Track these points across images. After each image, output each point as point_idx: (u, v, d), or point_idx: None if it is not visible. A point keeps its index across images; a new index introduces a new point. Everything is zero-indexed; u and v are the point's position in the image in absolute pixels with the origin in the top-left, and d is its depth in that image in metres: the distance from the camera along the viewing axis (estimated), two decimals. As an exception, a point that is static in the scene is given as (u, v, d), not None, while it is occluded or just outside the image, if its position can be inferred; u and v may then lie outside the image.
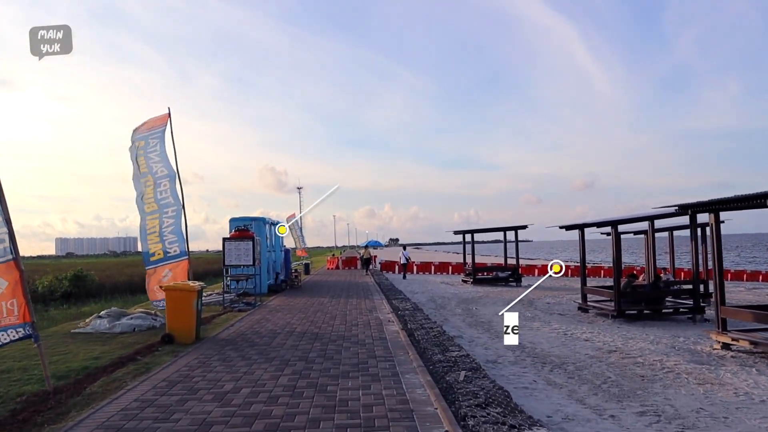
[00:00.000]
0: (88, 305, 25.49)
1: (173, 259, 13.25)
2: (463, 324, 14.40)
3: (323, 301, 17.32)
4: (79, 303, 27.14)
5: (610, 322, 15.33)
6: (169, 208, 13.41)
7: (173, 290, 10.32)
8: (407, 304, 15.79)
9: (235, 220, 20.90)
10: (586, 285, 18.06)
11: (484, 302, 20.28)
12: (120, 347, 9.96)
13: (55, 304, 26.77)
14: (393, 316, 13.35)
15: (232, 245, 16.47)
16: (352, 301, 17.17)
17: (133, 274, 42.88)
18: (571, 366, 9.23)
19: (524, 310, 17.67)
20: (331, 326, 11.85)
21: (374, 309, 14.93)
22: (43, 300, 28.02)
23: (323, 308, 15.43)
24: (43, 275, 34.16)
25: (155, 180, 13.45)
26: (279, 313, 14.50)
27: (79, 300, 28.20)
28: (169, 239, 13.27)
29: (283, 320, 13.07)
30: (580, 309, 17.65)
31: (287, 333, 11.04)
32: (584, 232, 18.00)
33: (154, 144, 13.64)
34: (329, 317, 13.38)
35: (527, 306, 19.15)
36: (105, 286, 33.96)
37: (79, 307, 25.50)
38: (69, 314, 21.43)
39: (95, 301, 27.96)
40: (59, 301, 27.87)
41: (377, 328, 11.31)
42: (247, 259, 16.43)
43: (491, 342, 11.57)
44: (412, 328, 11.19)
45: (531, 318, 15.75)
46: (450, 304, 19.34)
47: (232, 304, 16.49)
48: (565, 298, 22.31)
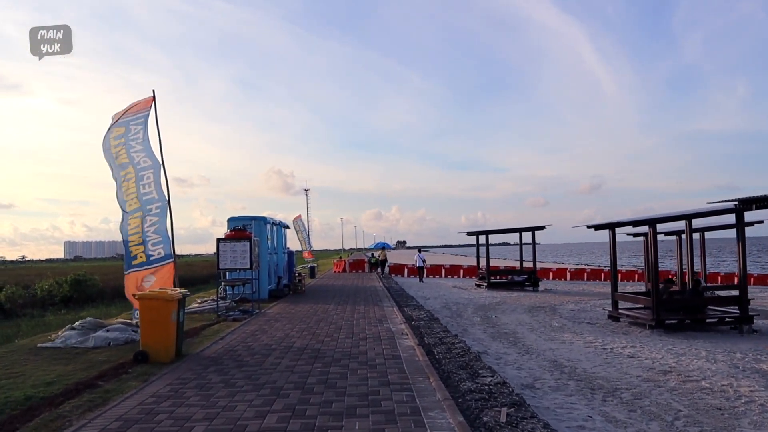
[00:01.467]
0: (86, 310, 24.46)
1: (157, 263, 11.68)
2: (485, 336, 12.75)
3: (328, 309, 15.71)
4: (78, 308, 26.01)
5: (648, 333, 13.66)
6: (153, 205, 11.84)
7: (148, 299, 8.72)
8: (421, 313, 14.16)
9: (234, 220, 19.32)
10: (618, 291, 16.36)
11: (503, 309, 18.62)
12: (84, 367, 8.38)
13: (54, 309, 25.72)
14: (406, 327, 11.73)
15: (227, 247, 14.87)
16: (359, 309, 15.56)
17: None
18: (626, 393, 7.57)
19: (549, 319, 16.01)
20: (336, 340, 10.24)
21: (384, 318, 13.31)
22: (42, 305, 27.05)
23: (328, 317, 13.83)
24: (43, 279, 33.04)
25: (137, 172, 11.89)
26: (278, 323, 12.90)
27: (78, 305, 26.97)
28: (153, 240, 11.71)
29: (282, 332, 11.48)
30: (610, 317, 15.98)
31: (284, 349, 9.43)
32: (615, 232, 16.33)
33: (136, 131, 12.09)
34: (334, 328, 11.77)
35: (550, 313, 17.50)
36: (106, 291, 32.88)
37: (77, 312, 24.63)
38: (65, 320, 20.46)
39: (95, 305, 27.02)
40: (58, 306, 26.82)
41: (389, 343, 9.69)
42: (244, 262, 14.83)
43: (522, 359, 9.93)
44: (430, 343, 9.57)
45: (559, 328, 14.08)
46: (466, 312, 17.69)
47: (227, 313, 14.91)
48: (589, 304, 20.62)
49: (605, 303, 21.13)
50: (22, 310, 26.78)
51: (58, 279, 31.15)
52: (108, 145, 12.04)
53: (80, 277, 29.25)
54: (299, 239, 47.43)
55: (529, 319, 15.93)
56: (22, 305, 27.15)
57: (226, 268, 14.97)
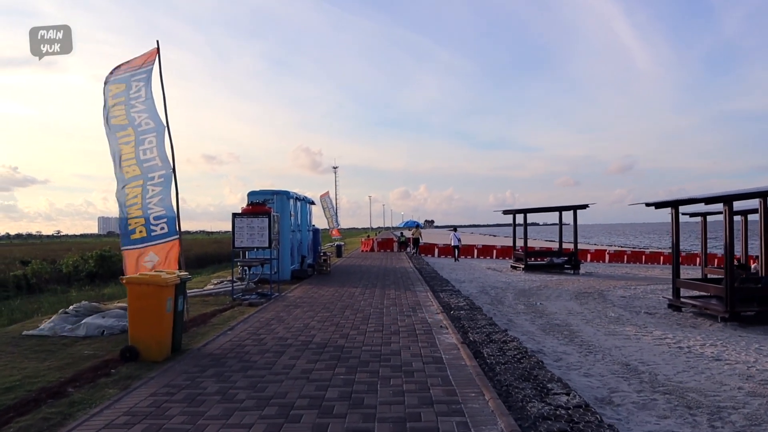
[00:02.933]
0: (110, 286, 23.76)
1: (159, 240, 10.23)
2: (535, 328, 11.09)
3: (354, 293, 14.17)
4: (103, 284, 25.46)
5: (720, 326, 11.86)
6: (156, 173, 10.35)
7: (137, 284, 7.23)
8: (459, 300, 12.54)
9: (254, 194, 17.83)
10: (680, 277, 14.49)
11: (547, 295, 16.90)
12: (63, 365, 6.97)
13: (79, 285, 25.20)
14: (444, 317, 10.12)
15: (244, 223, 13.37)
16: (389, 293, 13.99)
17: None
18: (736, 415, 5.87)
19: (601, 307, 14.26)
20: (363, 333, 8.68)
21: (418, 306, 11.72)
22: (68, 280, 26.71)
23: (354, 303, 12.29)
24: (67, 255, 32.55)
25: (137, 135, 10.39)
26: (297, 310, 11.40)
27: (104, 281, 26.44)
28: (155, 213, 10.24)
29: (300, 321, 9.97)
30: (671, 306, 14.16)
31: (301, 345, 7.90)
32: (678, 210, 14.44)
33: (138, 88, 10.56)
34: (360, 318, 10.22)
35: (601, 301, 15.74)
36: None
37: (101, 289, 23.82)
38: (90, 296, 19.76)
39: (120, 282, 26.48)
40: (83, 282, 26.33)
41: (426, 340, 8.09)
42: (262, 240, 13.33)
43: (586, 361, 8.25)
44: (477, 340, 7.96)
45: (617, 319, 12.35)
46: (507, 298, 16.01)
47: (243, 296, 13.48)
48: (639, 290, 18.77)
49: (657, 289, 19.28)
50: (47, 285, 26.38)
51: (84, 255, 30.66)
52: (106, 110, 10.55)
53: (105, 253, 28.74)
54: (326, 217, 46.01)
55: (579, 308, 14.20)
56: (48, 280, 26.72)
57: (242, 247, 13.48)
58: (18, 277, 25.37)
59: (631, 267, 31.93)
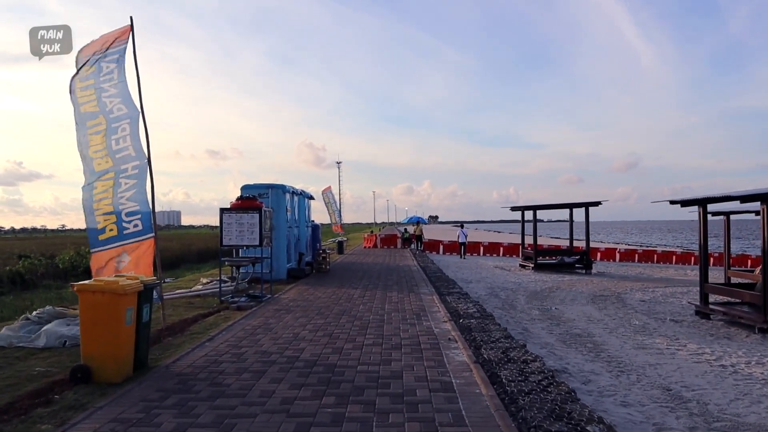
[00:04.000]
0: None
1: (133, 238, 9.09)
2: (554, 339, 9.93)
3: (353, 296, 13.03)
4: None
5: (759, 338, 10.67)
6: (129, 164, 9.21)
7: (90, 292, 6.09)
8: (468, 304, 11.38)
9: (248, 188, 16.72)
10: (709, 281, 13.29)
11: (561, 298, 15.74)
12: (3, 386, 5.86)
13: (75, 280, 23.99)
14: (452, 327, 8.97)
15: (232, 218, 12.23)
16: (392, 296, 12.84)
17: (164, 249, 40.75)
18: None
19: (623, 314, 13.09)
20: (359, 348, 7.53)
21: (423, 312, 10.57)
22: (64, 276, 25.38)
23: (352, 308, 11.15)
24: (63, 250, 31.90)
25: (109, 122, 9.24)
26: (289, 315, 10.27)
27: None
28: (128, 208, 9.10)
29: (290, 330, 8.83)
30: (698, 313, 12.98)
31: (286, 363, 6.76)
32: (706, 208, 13.24)
33: (109, 70, 9.40)
34: (358, 327, 9.07)
35: (619, 305, 14.56)
36: None
37: None
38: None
39: None
40: (79, 277, 25.32)
41: (433, 358, 6.94)
42: (252, 238, 12.18)
43: (620, 384, 7.09)
44: (492, 359, 6.80)
45: (642, 329, 11.17)
46: (519, 301, 14.86)
47: (232, 297, 12.38)
48: (658, 293, 17.58)
49: (677, 292, 18.10)
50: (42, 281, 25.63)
51: (80, 250, 29.90)
52: (74, 90, 9.40)
53: None
54: (329, 212, 44.87)
55: (599, 313, 13.03)
56: (43, 276, 26.02)
57: (230, 245, 12.35)
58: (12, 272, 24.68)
59: (643, 267, 30.72)
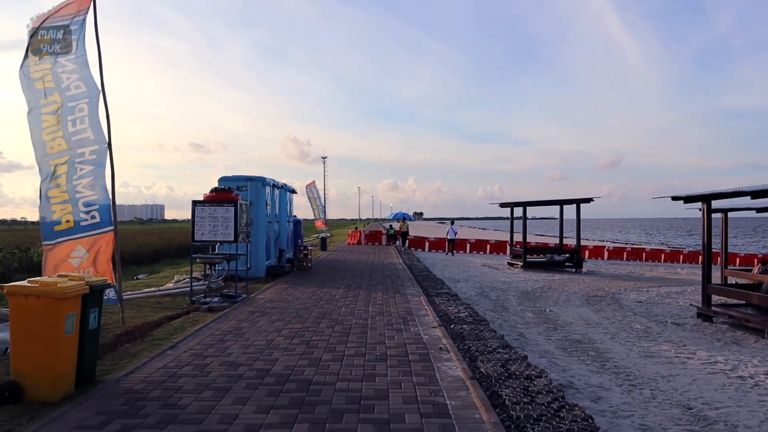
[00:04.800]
0: None
1: (89, 231, 8.19)
2: (553, 346, 9.14)
3: (335, 296, 12.16)
4: None
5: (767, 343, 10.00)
6: (86, 148, 8.29)
7: (22, 296, 5.18)
8: (459, 307, 10.56)
9: (226, 180, 15.76)
10: (712, 282, 12.59)
11: (554, 298, 15.00)
12: None
13: None
14: (443, 333, 8.14)
15: (205, 212, 11.31)
16: (376, 297, 11.99)
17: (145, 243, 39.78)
18: None
19: (621, 316, 12.37)
20: (339, 360, 6.67)
21: (410, 315, 9.74)
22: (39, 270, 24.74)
23: (333, 310, 10.29)
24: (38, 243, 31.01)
25: (65, 102, 8.30)
26: (264, 319, 9.39)
27: None
28: (85, 198, 8.18)
29: (263, 336, 7.95)
30: (700, 316, 12.30)
31: (255, 378, 5.88)
32: (710, 205, 12.54)
33: (66, 43, 8.47)
34: (339, 334, 8.21)
35: (615, 306, 13.84)
36: None
37: None
38: None
39: None
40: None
41: (423, 372, 6.10)
42: (227, 233, 11.27)
43: (635, 402, 6.29)
44: (490, 373, 5.97)
45: (645, 334, 10.44)
46: (510, 302, 14.08)
47: (205, 297, 11.48)
48: (653, 293, 16.92)
49: (671, 291, 17.46)
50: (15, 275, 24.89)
51: None
52: (26, 68, 8.43)
53: None
54: (312, 207, 43.87)
55: (596, 316, 12.30)
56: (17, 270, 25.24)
57: (202, 241, 11.41)
58: (-18, 266, 23.94)
59: (633, 265, 30.16)
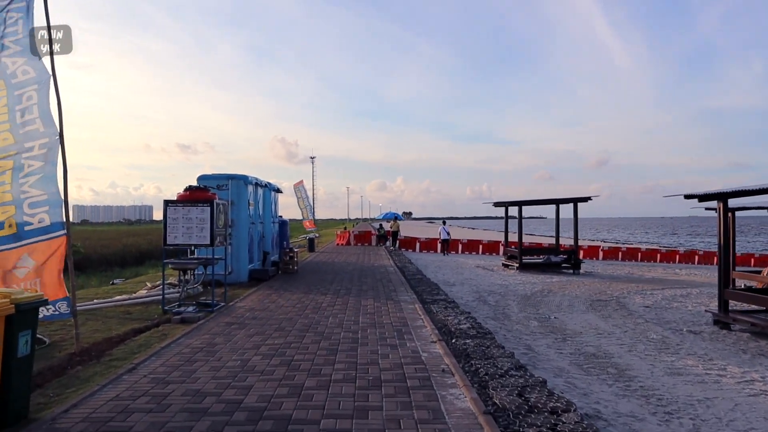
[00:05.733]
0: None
1: (38, 236, 7.12)
2: (566, 362, 8.16)
3: (322, 304, 11.13)
4: None
5: (796, 354, 9.09)
6: (36, 142, 7.22)
7: None
8: (459, 317, 9.56)
9: (205, 178, 14.70)
10: (731, 287, 11.69)
11: (556, 303, 14.06)
12: None
13: None
14: (444, 350, 7.15)
15: (179, 213, 10.24)
16: (366, 305, 10.98)
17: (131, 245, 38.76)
18: None
19: (632, 324, 11.44)
20: (325, 387, 5.64)
21: (405, 327, 8.73)
22: None
23: (319, 321, 9.26)
24: None
25: (11, 89, 7.26)
26: (241, 332, 8.35)
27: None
28: (32, 198, 7.12)
29: (238, 355, 6.91)
30: (717, 323, 11.40)
31: (222, 414, 4.85)
32: (727, 203, 11.64)
33: (12, 21, 7.42)
34: (325, 351, 7.18)
35: (623, 312, 12.92)
36: (92, 259, 29.20)
37: None
38: None
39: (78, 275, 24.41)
40: None
41: (425, 403, 5.09)
42: (202, 236, 10.21)
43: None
44: (507, 406, 4.98)
45: (663, 345, 9.50)
46: (511, 308, 13.11)
47: (179, 306, 10.42)
48: (659, 297, 16.02)
49: (677, 295, 16.56)
50: None
51: None
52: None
53: None
54: (300, 207, 42.73)
55: (605, 324, 11.36)
56: None
57: (176, 244, 10.34)
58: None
59: (630, 266, 29.38)
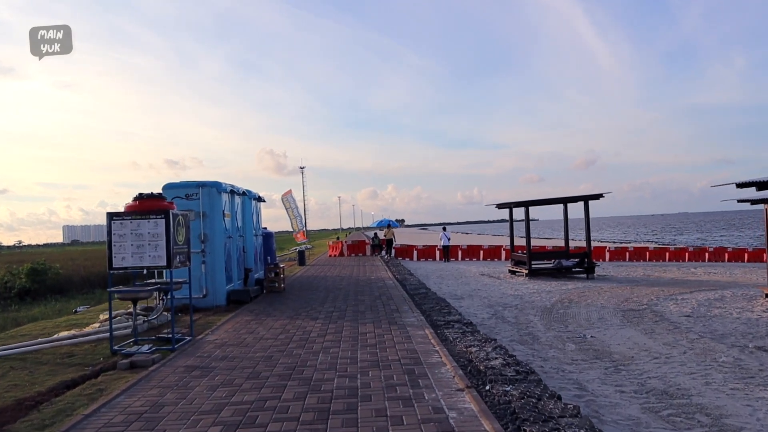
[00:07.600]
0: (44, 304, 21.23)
1: None
2: (636, 407, 6.13)
3: (311, 333, 9.07)
4: (37, 301, 23.10)
5: None
6: None
7: None
8: (486, 348, 7.51)
9: (171, 187, 12.66)
10: None
11: (583, 316, 12.08)
12: None
13: (10, 303, 22.37)
14: (477, 405, 5.12)
15: (126, 228, 8.18)
16: (366, 333, 8.92)
17: None
18: None
19: (686, 341, 9.48)
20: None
21: (417, 365, 6.68)
22: None
23: (306, 360, 7.21)
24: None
25: None
26: (203, 381, 6.29)
27: (38, 297, 23.92)
28: None
29: (188, 429, 4.87)
30: (784, 336, 9.47)
31: None
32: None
33: None
34: (312, 415, 5.10)
35: (667, 325, 10.96)
36: (74, 280, 27.85)
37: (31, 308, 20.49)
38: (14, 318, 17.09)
39: (59, 297, 23.89)
40: (13, 300, 23.15)
41: None
42: (156, 255, 8.14)
43: None
44: None
45: (743, 372, 7.52)
46: (535, 326, 11.10)
47: (134, 343, 8.36)
48: (692, 302, 14.06)
49: (712, 298, 14.63)
50: None
51: (12, 269, 26.45)
52: None
53: (38, 266, 25.34)
54: (290, 218, 40.61)
55: (653, 342, 9.39)
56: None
57: (123, 267, 8.25)
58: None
59: (642, 267, 27.49)
